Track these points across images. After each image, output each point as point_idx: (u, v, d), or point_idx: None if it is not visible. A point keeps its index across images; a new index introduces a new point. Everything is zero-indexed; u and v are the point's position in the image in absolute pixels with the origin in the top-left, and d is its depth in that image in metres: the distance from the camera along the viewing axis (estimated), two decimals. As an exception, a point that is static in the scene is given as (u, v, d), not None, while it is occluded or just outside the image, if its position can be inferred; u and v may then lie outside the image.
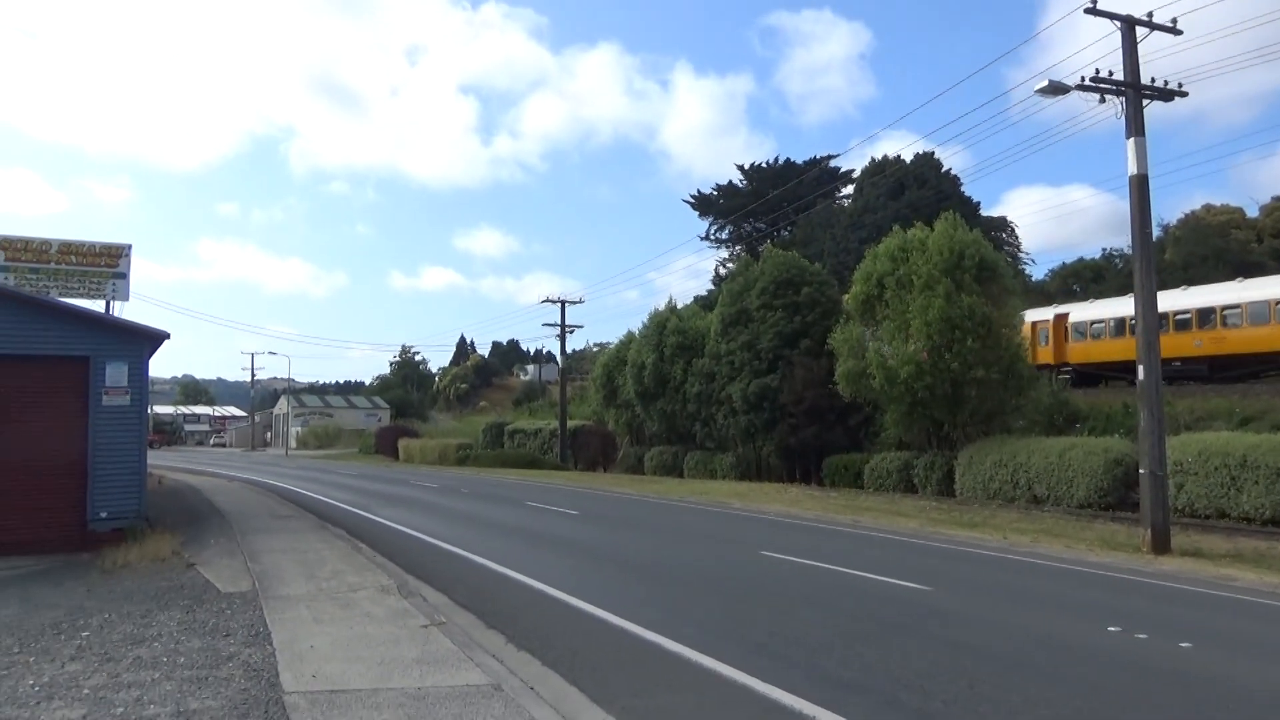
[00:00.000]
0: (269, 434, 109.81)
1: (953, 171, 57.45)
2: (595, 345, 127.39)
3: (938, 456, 24.59)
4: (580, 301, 49.51)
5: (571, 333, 47.05)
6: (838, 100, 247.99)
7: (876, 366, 23.82)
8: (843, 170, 73.78)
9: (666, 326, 36.78)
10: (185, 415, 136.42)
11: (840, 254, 56.02)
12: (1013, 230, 61.08)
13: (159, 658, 7.43)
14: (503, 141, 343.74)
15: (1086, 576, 11.97)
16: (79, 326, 14.75)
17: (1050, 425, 24.57)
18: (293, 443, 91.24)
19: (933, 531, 16.49)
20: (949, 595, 10.14)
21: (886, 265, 24.55)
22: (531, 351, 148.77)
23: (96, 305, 23.39)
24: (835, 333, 26.96)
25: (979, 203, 58.42)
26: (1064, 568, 12.72)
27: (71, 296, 24.11)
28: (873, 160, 62.33)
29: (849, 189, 68.31)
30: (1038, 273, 72.14)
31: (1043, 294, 51.09)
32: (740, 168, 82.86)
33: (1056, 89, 14.28)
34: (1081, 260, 57.38)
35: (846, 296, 28.64)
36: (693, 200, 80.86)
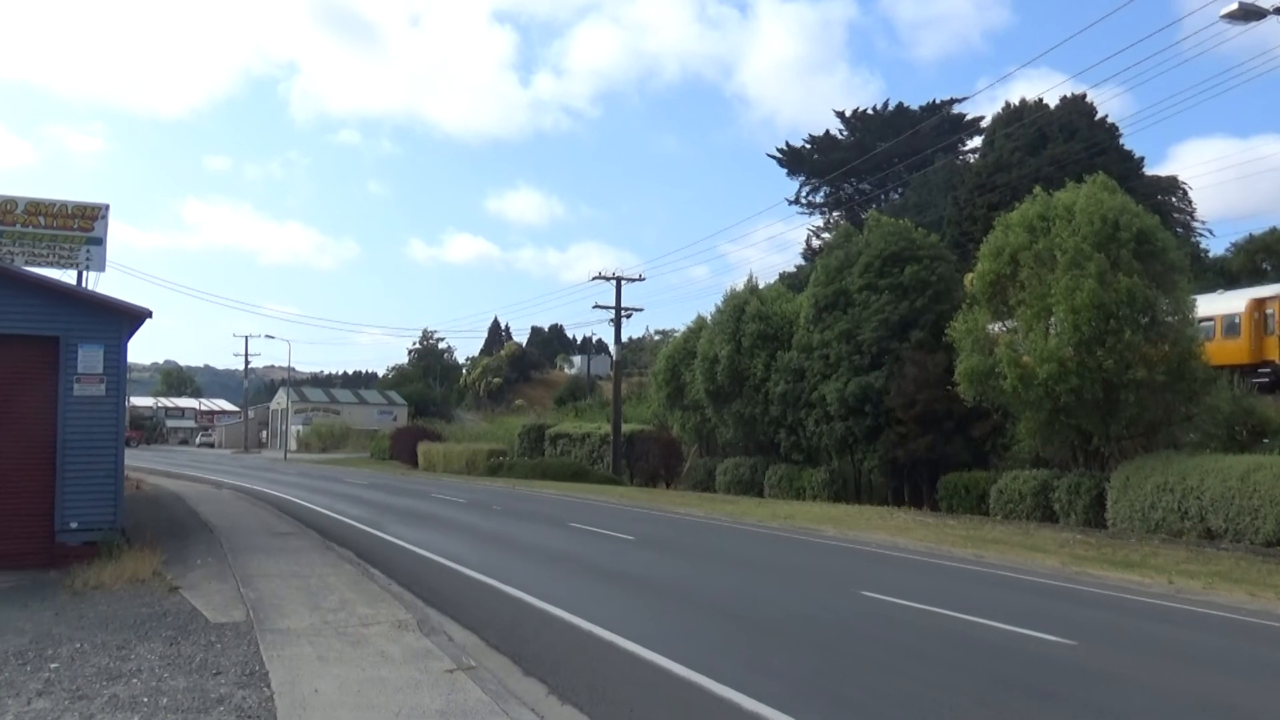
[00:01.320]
0: (264, 433, 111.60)
1: (1109, 120, 57.03)
2: (656, 333, 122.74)
3: (1084, 477, 24.04)
4: (639, 279, 49.09)
5: (628, 317, 47.40)
6: (962, 30, 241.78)
7: (1008, 364, 23.36)
8: (968, 118, 73.75)
9: (745, 311, 36.29)
10: (167, 409, 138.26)
11: (964, 222, 55.68)
12: (1184, 194, 60.39)
13: (138, 697, 7.53)
14: (545, 82, 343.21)
15: (1278, 634, 11.69)
16: (48, 301, 14.66)
17: (1231, 440, 23.90)
18: (292, 444, 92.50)
19: (1077, 572, 16.24)
20: (1098, 653, 9.94)
21: (1022, 237, 24.02)
22: (579, 340, 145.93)
23: (67, 276, 23.72)
24: (956, 321, 26.54)
25: (1142, 159, 58.34)
26: (1247, 622, 12.40)
27: (39, 265, 24.29)
28: (1007, 106, 62.00)
29: (976, 141, 67.56)
30: (1216, 246, 71.63)
31: (1222, 273, 50.05)
32: (839, 114, 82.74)
33: (1249, 13, 13.84)
34: (1275, 231, 54.50)
35: (970, 276, 28.30)
36: (780, 155, 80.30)
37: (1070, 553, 18.56)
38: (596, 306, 49.34)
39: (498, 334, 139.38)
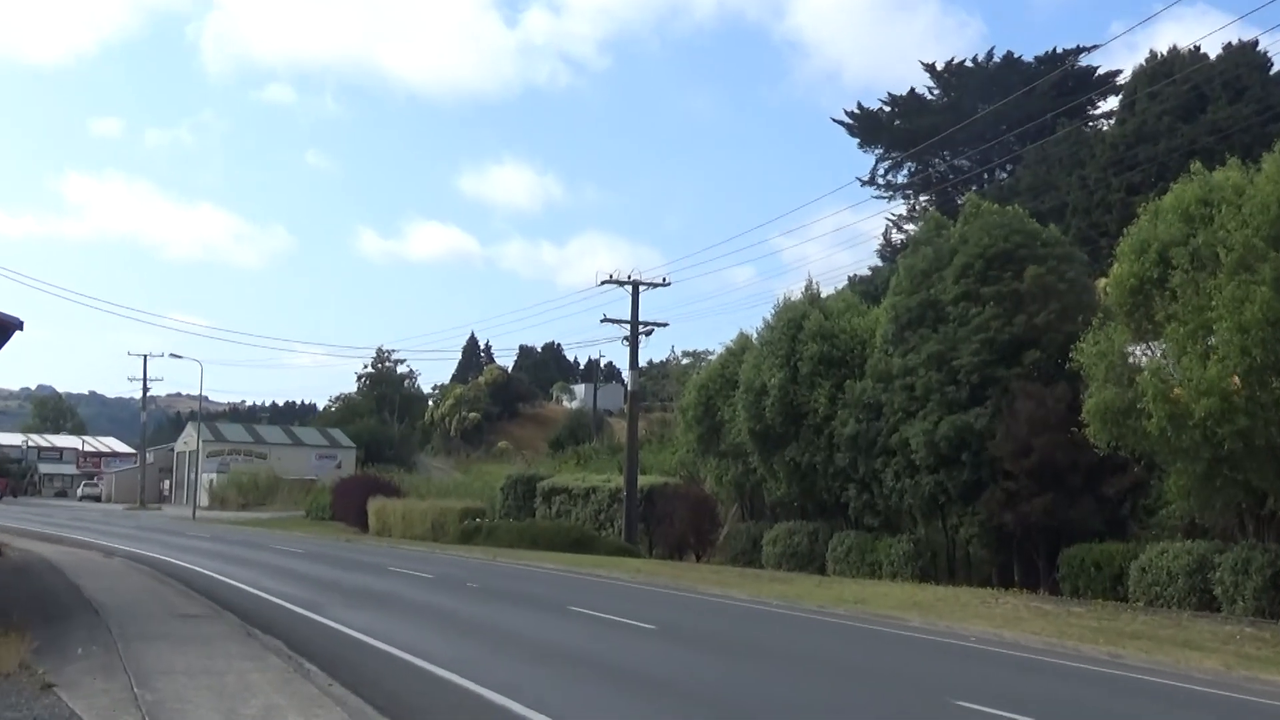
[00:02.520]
0: (167, 484, 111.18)
1: (1289, 75, 65.43)
2: (684, 356, 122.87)
3: (1256, 551, 23.82)
4: (662, 284, 48.76)
5: (648, 334, 46.70)
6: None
7: (1154, 398, 22.88)
8: (1099, 73, 74.24)
9: (803, 328, 35.93)
10: (41, 449, 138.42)
11: (1094, 210, 56.15)
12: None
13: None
14: (537, 21, 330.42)
15: None
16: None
17: None
18: (204, 498, 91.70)
19: (1245, 678, 16.03)
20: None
21: (1176, 229, 23.66)
22: (582, 364, 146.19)
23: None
24: (1084, 341, 26.33)
25: (1334, 127, 66.97)
26: None
27: None
28: (1152, 57, 62.34)
29: (1110, 103, 68.52)
30: None
31: None
32: (927, 68, 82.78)
33: None
34: None
35: (1104, 281, 28.57)
36: (849, 120, 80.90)
37: (1237, 651, 18.39)
38: (606, 320, 48.66)
39: (475, 355, 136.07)
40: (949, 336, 31.82)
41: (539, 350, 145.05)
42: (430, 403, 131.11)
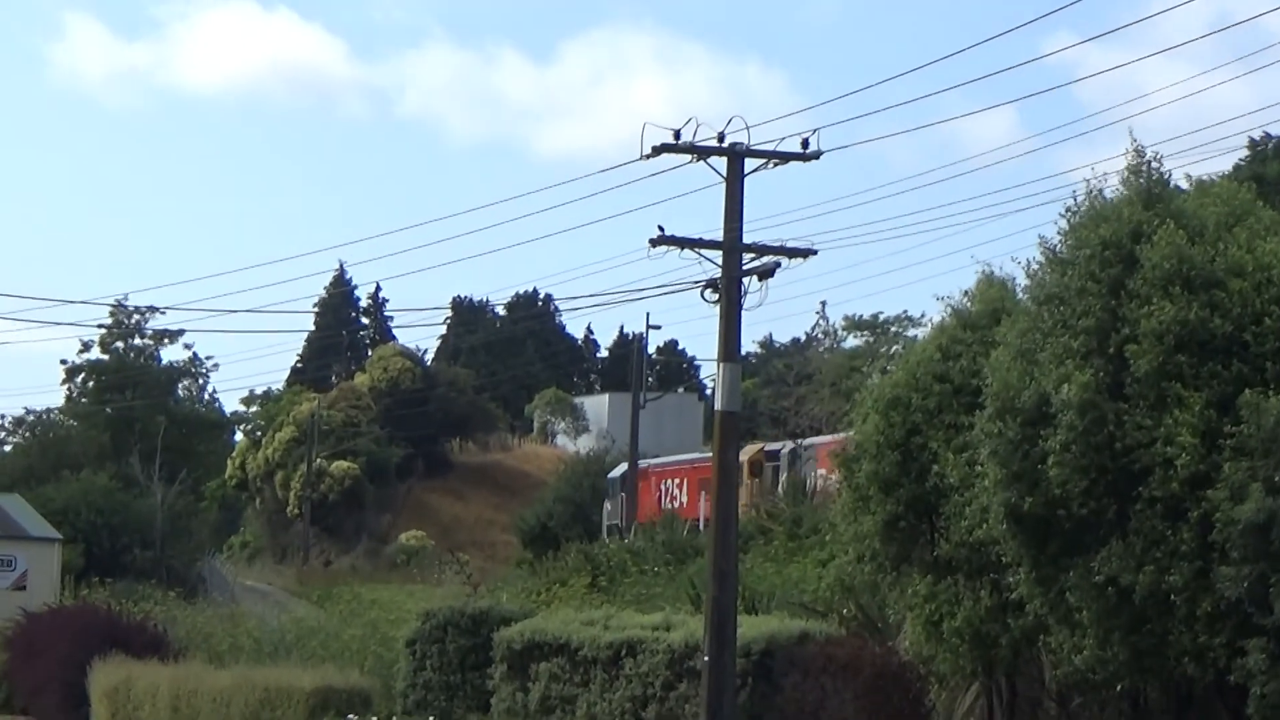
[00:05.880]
0: None
1: None
2: (848, 327, 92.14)
3: None
4: (804, 156, 32.79)
5: (766, 275, 32.54)
6: None
7: None
8: None
9: (1137, 259, 24.64)
10: None
11: None
12: None
13: None
14: None
15: None
16: None
17: None
18: None
19: None
20: None
21: None
22: (603, 345, 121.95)
23: None
24: None
25: None
26: None
27: None
28: None
29: None
30: None
31: None
32: None
33: None
34: None
35: None
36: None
37: None
38: (662, 241, 33.25)
39: (346, 318, 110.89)
40: None
41: (499, 314, 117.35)
42: (241, 434, 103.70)
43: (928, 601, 28.88)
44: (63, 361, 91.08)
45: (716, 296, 31.03)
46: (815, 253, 35.27)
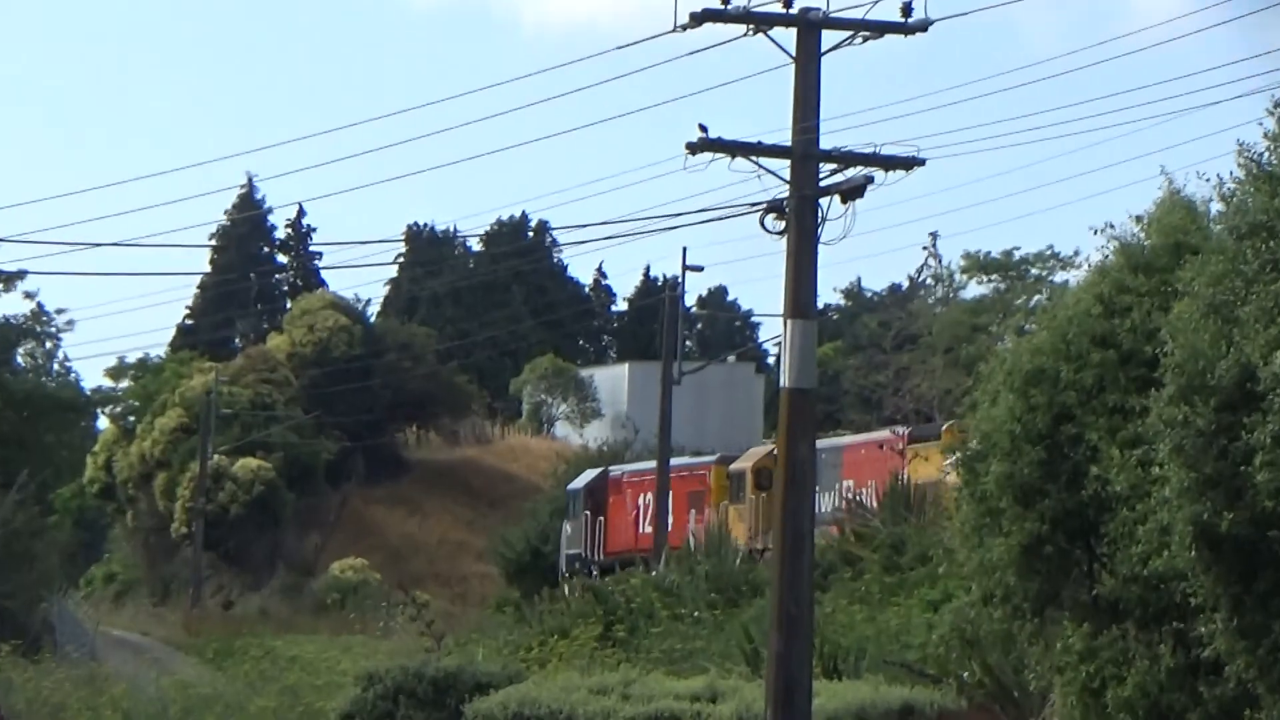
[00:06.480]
0: None
1: None
2: (959, 268, 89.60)
3: None
4: (905, 26, 34.24)
5: (852, 194, 34.16)
6: None
7: None
8: None
9: None
10: None
11: None
12: None
13: None
14: None
15: None
16: None
17: None
18: None
19: None
20: None
21: None
22: (619, 294, 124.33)
23: None
24: None
25: None
26: None
27: None
28: None
29: None
30: None
31: None
32: None
33: None
34: None
35: None
36: None
37: None
38: (705, 145, 34.73)
39: (256, 255, 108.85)
40: None
41: (473, 249, 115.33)
42: (107, 420, 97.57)
43: (1085, 661, 27.69)
44: None
45: (782, 226, 30.98)
46: (923, 162, 33.01)
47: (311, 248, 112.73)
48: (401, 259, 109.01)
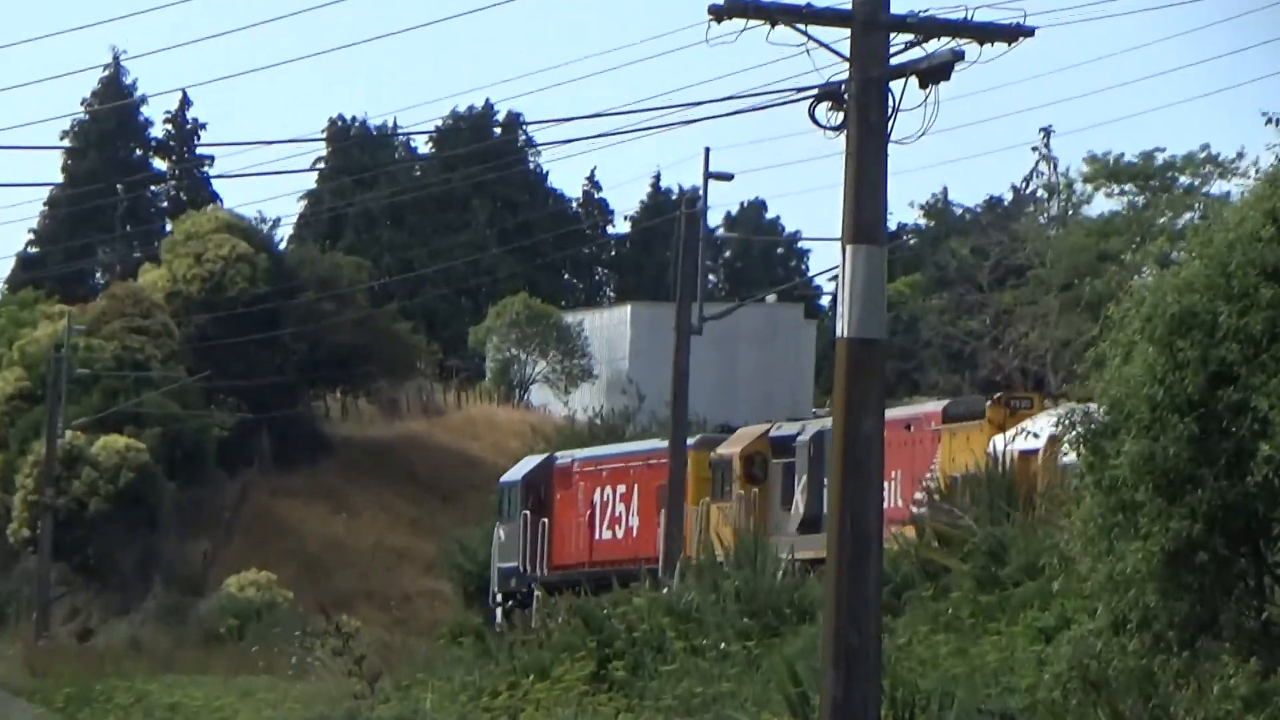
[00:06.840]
0: None
1: None
2: (1081, 176, 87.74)
3: None
4: None
5: (934, 76, 34.31)
6: None
7: None
8: None
9: None
10: None
11: None
12: None
13: None
14: None
15: None
16: None
17: None
18: None
19: None
20: None
21: None
22: (619, 216, 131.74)
23: None
24: None
25: None
26: None
27: None
28: None
29: None
30: None
31: None
32: None
33: None
34: None
35: None
36: None
37: None
38: (730, 12, 33.90)
39: (124, 157, 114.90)
40: None
41: (419, 152, 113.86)
42: None
43: (1251, 709, 27.66)
44: None
45: (840, 119, 26.96)
46: (1031, 32, 31.83)
47: (199, 150, 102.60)
48: (322, 164, 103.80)
